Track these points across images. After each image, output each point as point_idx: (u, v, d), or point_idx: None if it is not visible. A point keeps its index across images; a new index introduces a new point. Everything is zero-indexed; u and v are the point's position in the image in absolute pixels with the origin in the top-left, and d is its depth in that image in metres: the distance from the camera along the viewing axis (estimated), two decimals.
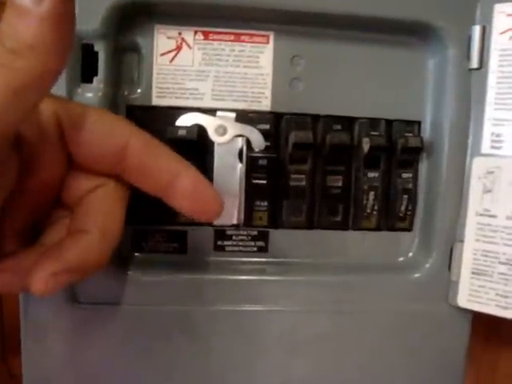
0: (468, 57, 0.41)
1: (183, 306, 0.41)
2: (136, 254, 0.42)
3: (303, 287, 0.42)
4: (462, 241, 0.42)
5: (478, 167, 0.42)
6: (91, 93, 0.38)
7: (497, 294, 0.41)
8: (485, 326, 0.55)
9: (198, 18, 0.40)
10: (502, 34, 0.40)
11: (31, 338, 0.40)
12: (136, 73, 0.41)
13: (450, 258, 0.43)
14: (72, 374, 0.41)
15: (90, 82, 0.38)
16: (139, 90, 0.41)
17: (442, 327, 0.44)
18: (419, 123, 0.44)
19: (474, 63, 0.41)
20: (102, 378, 0.41)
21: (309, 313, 0.42)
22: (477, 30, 0.41)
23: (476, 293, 0.42)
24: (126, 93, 0.41)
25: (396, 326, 0.44)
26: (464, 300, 0.43)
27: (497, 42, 0.40)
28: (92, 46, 0.38)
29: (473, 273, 0.42)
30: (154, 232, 0.42)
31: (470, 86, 0.41)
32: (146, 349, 0.41)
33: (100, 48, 0.38)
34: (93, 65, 0.38)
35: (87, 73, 0.38)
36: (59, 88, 0.37)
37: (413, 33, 0.42)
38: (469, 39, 0.41)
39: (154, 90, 0.41)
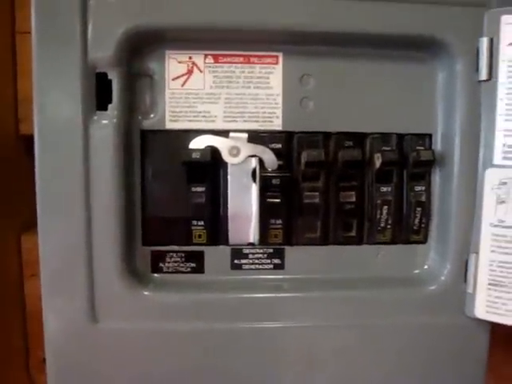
0: (477, 69, 0.41)
1: (202, 324, 0.42)
2: (155, 274, 0.43)
3: (320, 303, 0.43)
4: (476, 252, 0.42)
5: (490, 178, 0.42)
6: (106, 120, 0.39)
7: None
8: (504, 339, 0.55)
9: (208, 42, 0.41)
10: (509, 45, 0.40)
11: (54, 355, 0.41)
12: (149, 98, 0.42)
13: (465, 270, 0.43)
14: None
15: (105, 109, 0.39)
16: (152, 115, 0.42)
17: (459, 339, 0.44)
18: (430, 136, 0.44)
19: (483, 75, 0.41)
20: None
21: (326, 328, 0.43)
22: (484, 42, 0.41)
23: (493, 304, 0.42)
24: (139, 118, 0.42)
25: (413, 340, 0.44)
26: (482, 311, 0.43)
27: (505, 54, 0.40)
28: (106, 75, 0.39)
29: (489, 284, 0.42)
30: (172, 253, 0.43)
31: (480, 97, 0.41)
32: (166, 367, 0.42)
33: (113, 76, 0.39)
34: (107, 93, 0.39)
35: (102, 101, 0.39)
36: (75, 116, 0.39)
37: (421, 48, 0.42)
38: (477, 51, 0.41)
39: (168, 114, 0.42)
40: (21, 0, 0.53)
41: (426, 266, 0.45)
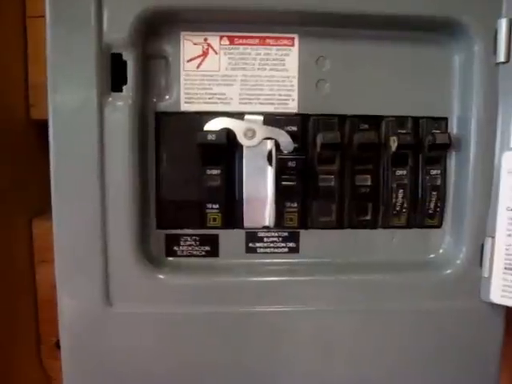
0: (494, 51, 0.41)
1: (216, 308, 0.41)
2: (169, 258, 0.43)
3: (335, 287, 0.43)
4: (493, 236, 0.42)
5: (507, 162, 0.41)
6: (121, 101, 0.39)
7: None
8: None
9: (223, 23, 0.41)
10: None
11: (69, 339, 0.41)
12: (164, 80, 0.41)
13: (481, 254, 0.43)
14: (110, 373, 0.42)
15: (120, 90, 0.39)
16: (167, 97, 0.41)
17: (474, 324, 0.44)
18: (446, 120, 0.44)
19: (501, 57, 0.41)
20: (137, 376, 0.42)
21: (341, 312, 0.43)
22: (503, 23, 0.40)
23: (509, 288, 0.42)
24: (154, 100, 0.41)
25: (428, 324, 0.44)
26: (497, 296, 0.42)
27: None
28: (121, 56, 0.39)
29: (505, 268, 0.42)
30: (186, 236, 0.43)
31: (498, 80, 0.41)
32: (179, 350, 0.42)
33: (128, 57, 0.39)
34: (122, 74, 0.39)
35: (117, 82, 0.39)
36: (90, 98, 0.38)
37: (438, 29, 0.42)
38: (495, 33, 0.41)
39: (183, 96, 0.41)
40: None
41: (441, 250, 0.45)
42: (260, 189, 0.41)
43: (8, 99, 0.52)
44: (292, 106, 0.42)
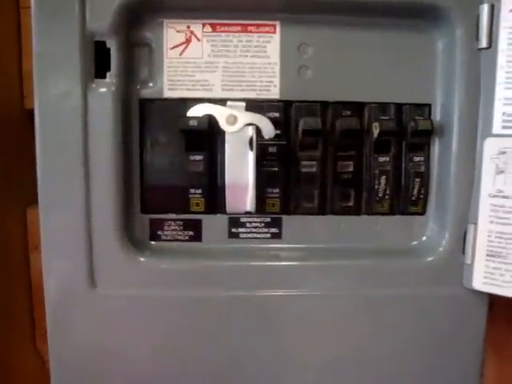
0: (477, 37, 0.41)
1: (198, 292, 0.42)
2: (153, 242, 0.44)
3: (317, 272, 0.43)
4: (475, 223, 0.42)
5: (489, 148, 0.41)
6: (105, 88, 0.40)
7: None
8: (505, 313, 0.55)
9: (206, 10, 0.41)
10: (510, 11, 0.39)
11: (55, 322, 0.42)
12: (147, 67, 0.42)
13: (463, 241, 0.43)
14: (94, 354, 0.43)
15: (104, 77, 0.40)
16: (151, 84, 0.42)
17: (457, 310, 0.44)
18: (430, 106, 0.44)
19: (483, 43, 0.41)
20: (121, 358, 0.43)
21: (323, 297, 0.43)
22: (485, 9, 0.40)
23: (491, 275, 0.42)
24: (138, 86, 0.42)
25: (411, 310, 0.44)
26: (479, 283, 0.43)
27: (506, 20, 0.40)
28: (104, 43, 0.40)
29: (488, 255, 0.42)
30: (170, 221, 0.44)
31: (480, 66, 0.41)
32: (161, 332, 0.43)
33: (112, 44, 0.40)
34: (105, 61, 0.40)
35: (100, 69, 0.40)
36: (74, 84, 0.39)
37: (420, 15, 0.42)
38: (477, 19, 0.41)
39: (166, 83, 0.42)
40: None
41: (424, 237, 0.45)
42: (242, 174, 0.41)
43: (2, 89, 0.53)
44: (274, 93, 0.42)
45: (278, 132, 0.42)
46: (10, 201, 0.55)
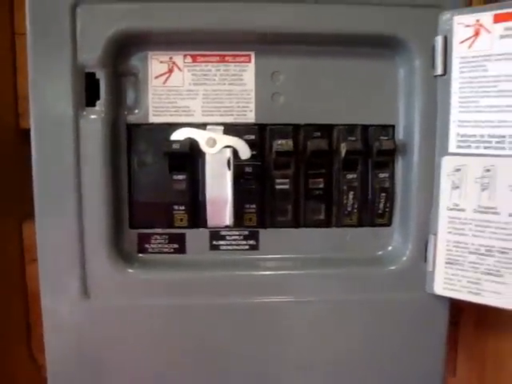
0: (433, 65, 0.45)
1: (183, 300, 0.46)
2: (141, 255, 0.47)
3: (292, 280, 0.47)
4: (435, 234, 0.46)
5: (446, 165, 0.45)
6: (95, 115, 0.44)
7: (468, 282, 0.45)
8: (474, 319, 0.58)
9: (187, 43, 0.45)
10: (461, 43, 0.44)
11: (51, 330, 0.46)
12: (134, 95, 0.46)
13: (425, 250, 0.47)
14: (88, 361, 0.46)
15: (94, 105, 0.44)
16: (137, 110, 0.46)
17: (421, 314, 0.48)
18: (393, 127, 0.48)
19: (439, 70, 0.45)
20: (115, 365, 0.47)
21: (298, 303, 0.47)
22: (439, 40, 0.44)
23: (450, 281, 0.46)
24: (125, 113, 0.46)
25: (379, 314, 0.48)
26: (440, 288, 0.47)
27: (457, 51, 0.44)
28: (94, 74, 0.43)
29: (446, 262, 0.46)
30: (156, 235, 0.47)
31: (437, 91, 0.45)
32: (150, 340, 0.47)
33: (101, 75, 0.44)
34: (95, 90, 0.43)
35: (91, 98, 0.44)
36: (67, 112, 0.43)
37: (382, 45, 0.46)
38: (433, 49, 0.45)
39: (151, 109, 0.46)
40: (19, 2, 0.56)
41: (390, 247, 0.49)
42: (221, 192, 0.45)
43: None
44: (250, 117, 0.46)
45: (254, 153, 0.46)
46: (6, 216, 0.58)
